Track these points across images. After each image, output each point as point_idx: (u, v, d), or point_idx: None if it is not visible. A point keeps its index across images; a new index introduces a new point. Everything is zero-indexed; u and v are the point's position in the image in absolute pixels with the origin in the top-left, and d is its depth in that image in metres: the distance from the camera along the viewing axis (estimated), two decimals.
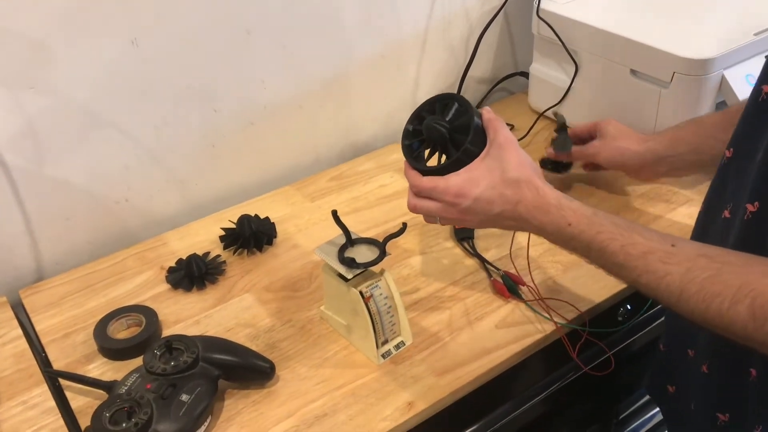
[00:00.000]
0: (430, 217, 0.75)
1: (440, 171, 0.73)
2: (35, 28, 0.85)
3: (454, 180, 0.71)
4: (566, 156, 1.00)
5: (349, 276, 0.76)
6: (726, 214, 0.67)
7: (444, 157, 0.74)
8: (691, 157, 0.88)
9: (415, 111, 0.77)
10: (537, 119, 1.19)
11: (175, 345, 0.74)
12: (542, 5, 1.12)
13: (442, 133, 0.73)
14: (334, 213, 0.79)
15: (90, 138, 0.94)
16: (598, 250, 0.64)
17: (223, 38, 0.99)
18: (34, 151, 0.91)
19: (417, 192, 0.74)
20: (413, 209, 0.75)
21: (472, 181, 0.71)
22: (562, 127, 1.02)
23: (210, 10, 0.96)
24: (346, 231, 0.80)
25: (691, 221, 0.79)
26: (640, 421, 1.12)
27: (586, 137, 1.00)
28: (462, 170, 0.72)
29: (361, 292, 0.76)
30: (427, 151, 0.76)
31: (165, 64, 0.95)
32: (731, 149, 0.67)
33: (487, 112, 0.74)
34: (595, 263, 0.66)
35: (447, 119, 0.74)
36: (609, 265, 0.64)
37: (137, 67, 0.93)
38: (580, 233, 0.66)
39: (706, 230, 0.72)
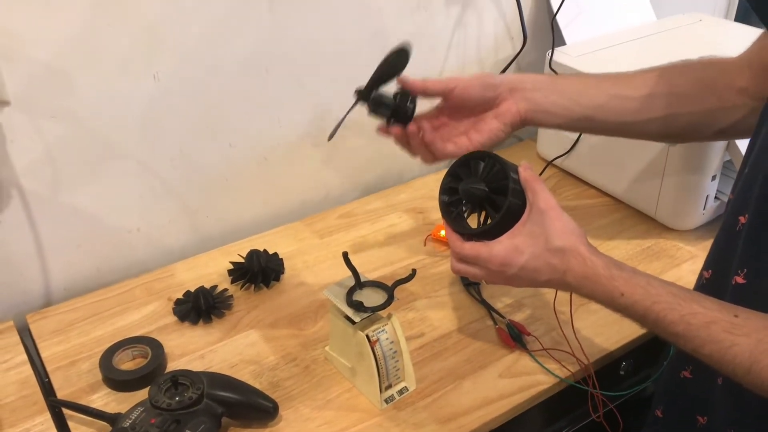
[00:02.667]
0: (472, 278, 0.75)
1: (480, 235, 0.73)
2: (60, 58, 0.87)
3: (498, 249, 0.70)
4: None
5: (357, 319, 0.77)
6: (739, 280, 0.67)
7: (483, 215, 0.75)
8: (571, 96, 0.83)
9: (450, 168, 0.77)
10: (545, 167, 1.21)
11: (180, 380, 0.75)
12: (555, 57, 1.15)
13: (480, 196, 0.73)
14: (345, 255, 0.80)
15: (106, 167, 0.96)
16: (654, 321, 0.63)
17: (243, 75, 1.01)
18: (50, 177, 0.92)
19: (459, 258, 0.73)
20: (457, 273, 0.75)
21: (516, 249, 0.69)
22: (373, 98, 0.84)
23: (233, 48, 0.98)
24: (355, 273, 0.81)
25: (695, 277, 0.80)
26: None
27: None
28: (504, 237, 0.71)
29: (367, 336, 0.77)
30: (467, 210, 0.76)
31: (184, 99, 0.97)
32: (746, 215, 0.67)
33: (524, 169, 0.73)
34: (651, 331, 0.65)
35: (484, 179, 0.74)
36: (666, 335, 0.63)
37: (157, 101, 0.95)
38: (633, 303, 0.64)
39: (716, 297, 0.72)
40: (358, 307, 0.76)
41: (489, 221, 0.75)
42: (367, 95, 0.81)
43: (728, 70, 0.81)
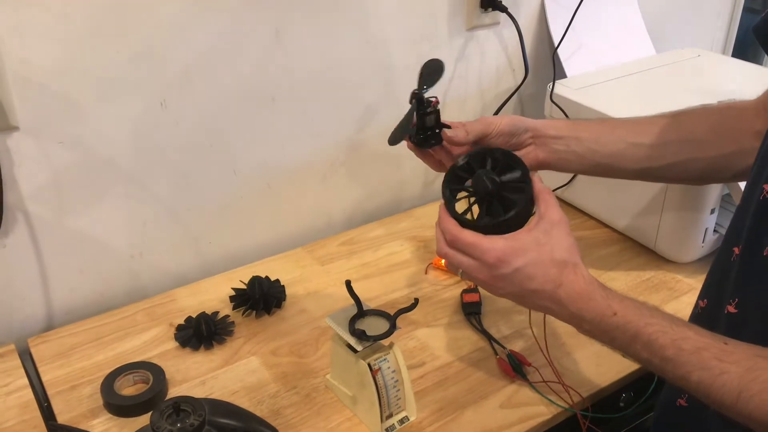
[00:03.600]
0: (453, 266, 0.72)
1: (483, 229, 0.70)
2: (69, 85, 0.88)
3: (499, 243, 0.68)
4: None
5: (359, 348, 0.77)
6: (731, 309, 0.68)
7: (485, 213, 0.72)
8: (589, 145, 0.85)
9: (463, 156, 0.75)
10: None
11: (182, 407, 0.75)
12: (556, 90, 1.16)
13: (492, 189, 0.71)
14: (348, 283, 0.81)
15: (111, 193, 0.97)
16: (645, 343, 0.63)
17: (248, 103, 1.02)
18: (56, 202, 0.93)
19: (452, 242, 0.71)
20: (444, 257, 0.72)
21: (518, 250, 0.68)
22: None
23: (239, 76, 1.00)
24: (358, 302, 0.81)
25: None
26: None
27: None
28: (508, 235, 0.69)
29: (369, 365, 0.77)
30: (465, 202, 0.74)
31: (190, 126, 0.99)
32: (739, 246, 0.68)
33: (538, 181, 0.73)
34: (636, 356, 0.65)
35: (499, 174, 0.72)
36: (656, 359, 0.62)
37: (163, 127, 0.97)
38: (626, 323, 0.64)
39: (710, 326, 0.73)
40: (360, 335, 0.77)
41: (490, 218, 0.72)
42: (421, 96, 0.81)
43: (745, 114, 0.83)
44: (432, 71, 0.85)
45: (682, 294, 1.01)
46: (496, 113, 1.25)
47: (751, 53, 1.70)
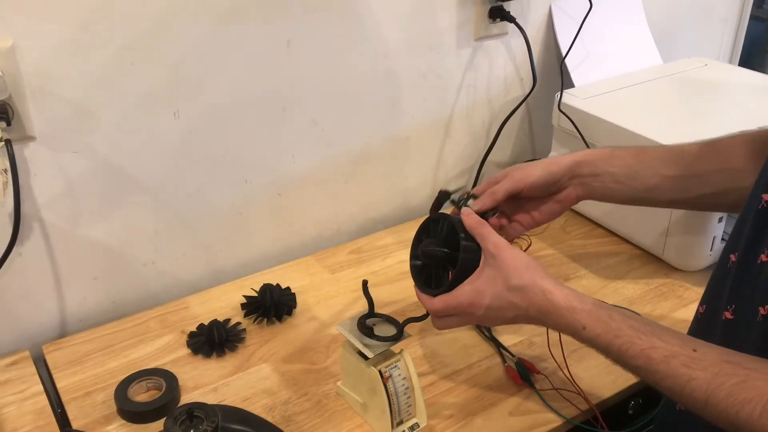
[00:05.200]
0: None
1: (447, 290, 0.75)
2: (85, 96, 0.90)
3: (461, 294, 0.73)
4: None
5: (370, 355, 0.78)
6: (727, 315, 0.69)
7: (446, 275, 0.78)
8: (624, 181, 0.85)
9: (415, 235, 0.81)
10: None
11: (195, 413, 0.76)
12: (563, 99, 1.17)
13: (437, 255, 0.77)
14: (365, 283, 0.83)
15: (125, 202, 0.98)
16: (616, 354, 0.65)
17: (260, 113, 1.04)
18: (71, 211, 0.94)
19: (435, 314, 0.77)
20: (441, 329, 0.78)
21: (478, 292, 0.72)
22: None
23: (251, 87, 1.01)
24: (370, 302, 0.82)
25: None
26: None
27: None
28: (465, 282, 0.74)
29: (380, 372, 0.78)
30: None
31: (203, 136, 1.00)
32: (736, 253, 0.69)
33: (466, 216, 0.75)
34: (615, 363, 0.67)
35: (442, 239, 0.77)
36: (629, 367, 0.65)
37: (176, 137, 0.98)
38: (596, 337, 0.66)
39: (707, 331, 0.73)
40: (368, 333, 0.78)
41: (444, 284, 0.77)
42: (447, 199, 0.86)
43: None
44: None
45: (690, 302, 1.01)
46: (504, 123, 1.26)
47: (758, 62, 1.71)
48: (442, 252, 0.77)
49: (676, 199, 0.87)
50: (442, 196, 0.86)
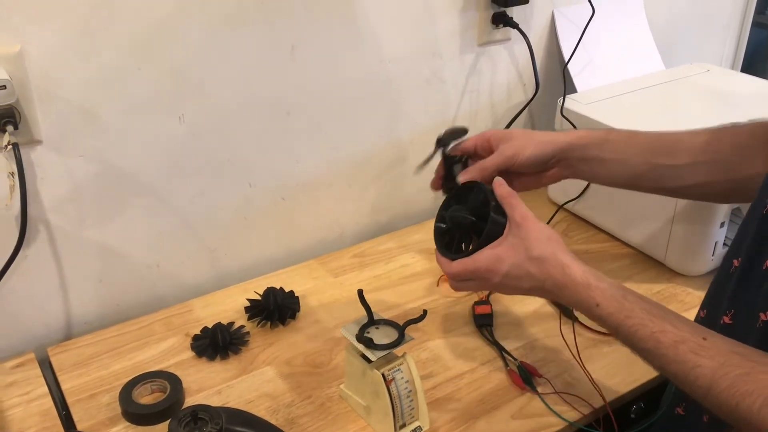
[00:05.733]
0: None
1: (467, 256, 0.76)
2: (91, 100, 0.90)
3: (481, 258, 0.74)
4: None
5: (373, 358, 0.78)
6: (726, 320, 0.69)
7: (468, 242, 0.79)
8: (612, 167, 0.86)
9: (444, 200, 0.82)
10: (556, 211, 1.23)
11: (200, 415, 0.76)
12: (566, 104, 1.18)
13: (464, 222, 0.78)
14: (360, 292, 0.82)
15: (130, 205, 0.99)
16: (626, 334, 0.66)
17: (264, 118, 1.04)
18: (76, 214, 0.95)
19: (452, 277, 0.78)
20: (458, 290, 0.81)
21: (498, 258, 0.73)
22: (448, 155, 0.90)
23: (255, 91, 1.02)
24: (369, 310, 0.82)
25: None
26: None
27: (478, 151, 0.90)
28: (486, 248, 0.74)
29: (383, 375, 0.78)
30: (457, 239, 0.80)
31: (208, 139, 1.01)
32: (739, 259, 0.70)
33: (498, 186, 0.77)
34: (623, 344, 0.68)
35: (471, 207, 0.78)
36: (637, 349, 0.66)
37: (181, 141, 0.99)
38: (608, 315, 0.67)
39: None
40: (367, 343, 0.78)
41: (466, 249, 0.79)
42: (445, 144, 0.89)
43: None
44: (456, 132, 0.90)
45: (693, 307, 1.02)
46: (507, 127, 1.27)
47: (760, 68, 1.72)
48: (470, 219, 0.77)
49: (663, 187, 0.88)
50: (439, 143, 0.89)
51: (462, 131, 0.90)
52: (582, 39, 1.23)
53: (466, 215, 0.78)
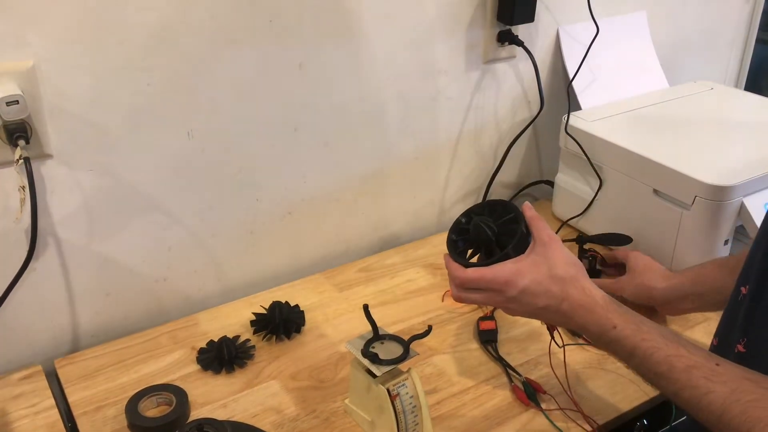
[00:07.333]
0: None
1: (486, 265, 0.76)
2: (102, 115, 0.92)
3: (501, 270, 0.74)
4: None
5: (378, 373, 0.79)
6: (740, 348, 0.69)
7: (485, 256, 0.79)
8: (714, 296, 0.89)
9: (465, 210, 0.82)
10: (560, 227, 1.24)
11: (205, 428, 0.77)
12: (570, 122, 1.19)
13: (488, 234, 0.78)
14: (365, 307, 0.83)
15: (138, 219, 1.00)
16: (641, 357, 0.66)
17: (272, 134, 1.05)
18: (85, 228, 0.96)
19: (461, 284, 0.77)
20: (458, 300, 0.78)
21: (519, 272, 0.73)
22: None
23: (263, 108, 1.03)
24: (374, 325, 0.83)
25: (709, 339, 0.82)
26: None
27: (613, 265, 1.08)
28: (508, 262, 0.75)
29: (388, 390, 0.78)
30: (470, 251, 0.81)
31: (216, 155, 1.02)
32: (747, 286, 0.70)
33: (528, 209, 0.78)
34: (636, 370, 0.68)
35: (495, 222, 0.78)
36: (650, 374, 0.66)
37: (190, 157, 1.00)
38: (624, 338, 0.68)
39: None
40: (373, 358, 0.79)
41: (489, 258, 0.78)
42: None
43: None
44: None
45: (697, 324, 1.02)
46: (512, 144, 1.27)
47: (765, 85, 1.72)
48: (492, 231, 0.77)
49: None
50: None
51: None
52: (586, 57, 1.25)
53: (492, 225, 0.78)
